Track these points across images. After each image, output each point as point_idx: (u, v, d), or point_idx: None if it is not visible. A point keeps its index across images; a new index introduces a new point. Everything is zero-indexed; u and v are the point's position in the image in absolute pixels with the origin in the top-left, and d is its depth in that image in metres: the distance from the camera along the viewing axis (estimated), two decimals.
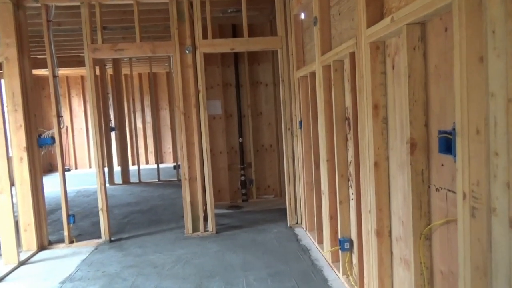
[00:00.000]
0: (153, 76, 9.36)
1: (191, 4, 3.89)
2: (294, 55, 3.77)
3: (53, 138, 3.74)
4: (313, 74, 3.30)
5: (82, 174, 8.83)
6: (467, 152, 1.26)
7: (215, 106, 5.14)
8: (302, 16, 3.67)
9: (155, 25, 5.16)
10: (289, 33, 3.88)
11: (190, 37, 3.82)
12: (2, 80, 6.90)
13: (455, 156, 1.36)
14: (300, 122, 3.74)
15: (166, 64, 8.16)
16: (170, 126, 9.83)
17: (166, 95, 9.81)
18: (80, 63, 6.99)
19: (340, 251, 2.69)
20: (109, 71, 7.82)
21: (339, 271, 2.73)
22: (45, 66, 5.90)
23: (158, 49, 3.79)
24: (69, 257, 3.54)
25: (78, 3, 3.67)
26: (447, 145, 1.44)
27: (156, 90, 9.67)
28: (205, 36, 4.21)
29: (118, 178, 7.39)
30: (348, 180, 2.66)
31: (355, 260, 2.56)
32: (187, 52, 3.82)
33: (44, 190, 3.78)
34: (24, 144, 3.56)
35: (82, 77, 9.66)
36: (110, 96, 7.69)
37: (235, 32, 5.11)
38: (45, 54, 6.03)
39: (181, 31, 3.81)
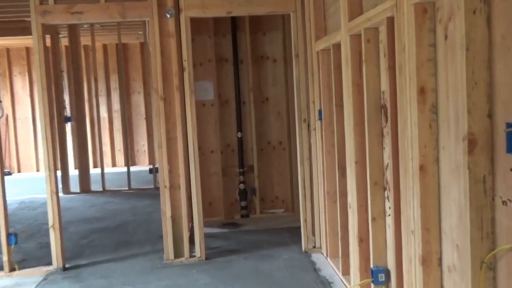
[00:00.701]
0: (123, 49, 9.39)
1: None
2: (312, 21, 3.77)
3: None
4: (337, 47, 3.30)
5: (27, 180, 8.90)
6: None
7: (206, 89, 5.15)
8: None
9: None
10: None
11: None
12: None
13: None
14: (320, 112, 3.75)
15: (140, 32, 8.17)
16: (145, 116, 9.87)
17: (140, 74, 9.84)
18: (25, 30, 7.00)
19: (372, 284, 2.70)
20: (64, 41, 7.85)
21: None
22: None
23: (129, 12, 3.79)
24: None
25: None
26: None
27: (127, 68, 9.71)
28: None
29: (75, 185, 7.44)
30: (384, 189, 2.67)
31: None
32: (168, 16, 3.83)
33: None
34: None
35: (27, 50, 9.70)
36: (65, 75, 7.74)
37: None
38: None
39: None
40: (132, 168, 8.96)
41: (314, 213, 4.06)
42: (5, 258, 3.87)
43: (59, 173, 7.64)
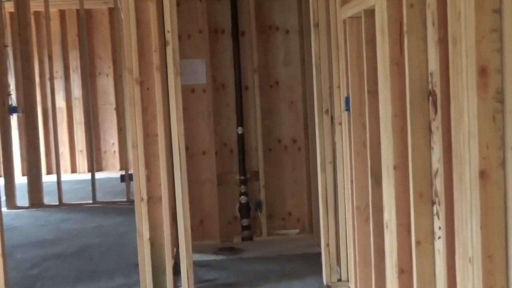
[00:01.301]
0: (86, 16, 9.40)
1: None
2: None
3: None
4: (370, 13, 3.28)
5: None
6: None
7: (196, 69, 5.16)
8: None
9: None
10: None
11: None
12: None
13: None
14: (347, 100, 3.74)
15: None
16: (115, 106, 9.90)
17: (108, 50, 9.88)
18: None
19: None
20: (8, 6, 7.87)
21: None
22: None
23: None
24: None
25: None
26: None
27: (91, 41, 9.73)
28: None
29: (22, 198, 7.47)
30: (433, 203, 2.66)
31: None
32: None
33: None
34: None
35: None
36: (9, 51, 7.75)
37: None
38: None
39: None
40: (99, 175, 8.98)
41: (339, 235, 4.05)
42: None
43: (1, 181, 7.67)
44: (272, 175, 5.31)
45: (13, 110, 7.26)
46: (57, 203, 7.30)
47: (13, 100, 7.42)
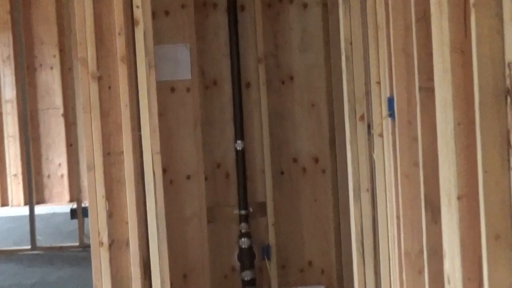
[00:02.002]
0: None
1: None
2: None
3: None
4: None
5: None
6: None
7: (176, 59, 5.19)
8: None
9: None
10: None
11: None
12: None
13: None
14: (391, 102, 3.74)
15: None
16: (63, 111, 9.88)
17: (53, 33, 9.89)
18: None
19: None
20: None
21: None
22: None
23: None
24: None
25: None
26: None
27: (29, 20, 9.73)
28: None
29: None
30: None
31: None
32: None
33: None
34: None
35: None
36: None
37: None
38: None
39: None
40: (40, 209, 8.97)
41: None
42: None
43: None
44: (285, 209, 5.31)
45: None
46: None
47: None
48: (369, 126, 4.03)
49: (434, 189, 3.30)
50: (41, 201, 9.72)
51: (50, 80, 10.02)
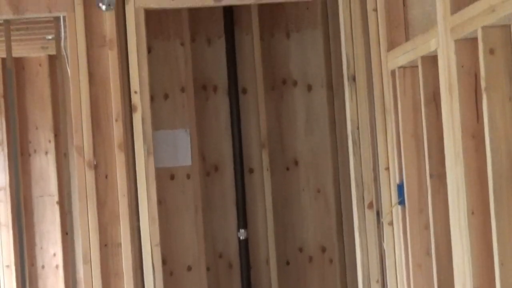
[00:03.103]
0: (17, 68, 9.52)
1: None
2: (382, 11, 3.80)
3: None
4: (431, 61, 3.29)
5: None
6: None
7: (176, 145, 5.18)
8: None
9: None
10: None
11: None
12: None
13: None
14: (401, 188, 3.71)
15: (49, 37, 8.30)
16: (58, 199, 9.81)
17: (47, 116, 9.87)
18: None
19: None
20: None
21: None
22: None
23: (28, 3, 3.87)
24: None
25: None
26: None
27: (23, 103, 9.76)
28: None
29: None
30: None
31: None
32: (104, 7, 3.88)
33: None
34: None
35: None
36: None
37: None
38: None
39: None
40: None
41: None
42: None
43: None
44: None
45: None
46: None
47: None
48: (378, 214, 4.00)
49: (448, 280, 3.25)
50: None
51: (44, 166, 9.99)
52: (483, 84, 2.69)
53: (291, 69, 5.32)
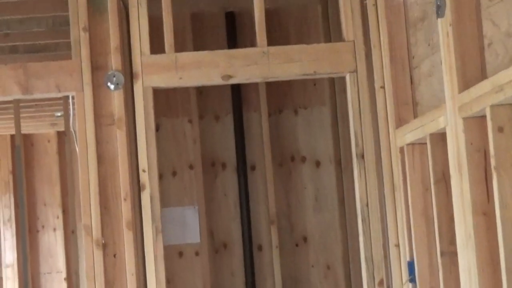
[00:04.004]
0: (26, 144, 9.58)
1: None
2: (389, 89, 3.83)
3: None
4: (440, 138, 3.30)
5: None
6: None
7: (184, 222, 5.18)
8: None
9: (34, 20, 5.41)
10: (372, 33, 3.99)
11: (120, 48, 3.96)
12: None
13: None
14: (411, 266, 3.69)
15: (58, 115, 8.38)
16: (65, 275, 9.75)
17: (56, 194, 9.90)
18: None
19: None
20: None
21: None
22: None
23: (37, 83, 3.92)
24: None
25: None
26: None
27: (32, 181, 9.77)
28: (156, 47, 4.35)
29: None
30: None
31: None
32: (112, 87, 3.92)
33: None
34: None
35: None
36: None
37: (235, 31, 5.32)
38: None
39: (96, 36, 3.96)
40: None
41: None
42: None
43: None
44: None
45: None
46: None
47: None
48: None
49: None
50: None
51: (52, 242, 9.98)
52: (492, 162, 2.69)
53: (300, 145, 5.34)
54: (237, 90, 5.27)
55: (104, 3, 3.96)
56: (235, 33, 5.33)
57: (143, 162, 3.91)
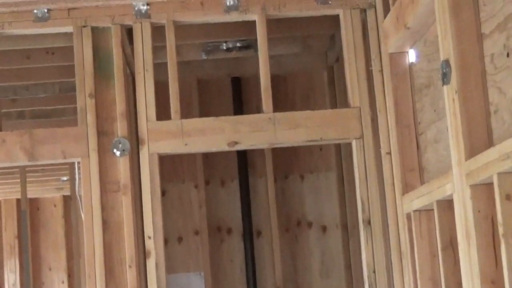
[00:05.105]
0: (32, 209, 9.56)
1: (129, 35, 4.11)
2: (396, 156, 3.82)
3: None
4: (447, 205, 3.28)
5: None
6: None
7: None
8: (412, 56, 3.80)
9: (41, 86, 5.44)
10: (378, 99, 4.01)
11: (126, 115, 3.98)
12: None
13: None
14: None
15: (64, 179, 8.38)
16: None
17: (61, 257, 9.86)
18: None
19: None
20: None
21: None
22: None
23: (43, 150, 3.92)
24: None
25: None
26: None
27: (38, 245, 9.74)
28: (162, 113, 4.37)
29: None
30: None
31: None
32: (118, 153, 3.93)
33: None
34: None
35: None
36: None
37: (240, 96, 5.35)
38: None
39: (103, 102, 3.98)
40: None
41: None
42: None
43: None
44: None
45: None
46: None
47: None
48: None
49: None
50: None
51: None
52: (500, 230, 2.67)
53: (306, 210, 5.33)
54: (243, 155, 5.28)
55: (110, 70, 3.99)
56: (241, 98, 5.37)
57: (148, 229, 3.90)
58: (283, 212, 5.30)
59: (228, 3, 3.99)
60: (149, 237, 3.88)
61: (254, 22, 4.03)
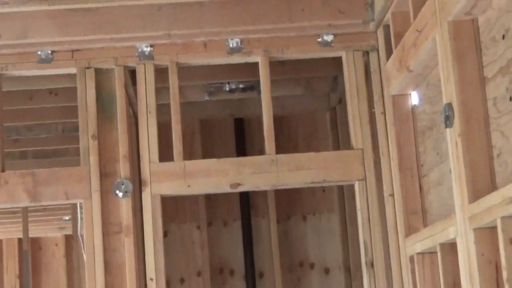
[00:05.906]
0: (33, 249, 9.53)
1: (132, 76, 4.12)
2: (399, 198, 3.82)
3: None
4: (450, 248, 3.27)
5: None
6: None
7: None
8: (414, 98, 3.82)
9: (44, 126, 5.45)
10: (381, 141, 4.02)
11: (129, 156, 3.98)
12: None
13: None
14: None
15: (66, 219, 8.38)
16: None
17: None
18: None
19: None
20: None
21: None
22: None
23: (46, 191, 3.92)
24: None
25: None
26: None
27: (38, 283, 9.70)
28: (165, 153, 4.38)
29: None
30: None
31: None
32: (121, 195, 3.92)
33: None
34: None
35: None
36: None
37: (243, 137, 5.35)
38: None
39: (105, 143, 3.99)
40: None
41: None
42: None
43: None
44: None
45: None
46: None
47: None
48: None
49: None
50: None
51: None
52: (504, 274, 2.66)
53: (308, 252, 5.32)
54: (246, 196, 5.28)
55: (113, 111, 4.00)
56: (244, 139, 5.38)
57: (150, 271, 3.88)
58: (285, 253, 5.28)
59: (231, 45, 4.01)
60: (151, 279, 3.86)
61: (257, 63, 4.04)
